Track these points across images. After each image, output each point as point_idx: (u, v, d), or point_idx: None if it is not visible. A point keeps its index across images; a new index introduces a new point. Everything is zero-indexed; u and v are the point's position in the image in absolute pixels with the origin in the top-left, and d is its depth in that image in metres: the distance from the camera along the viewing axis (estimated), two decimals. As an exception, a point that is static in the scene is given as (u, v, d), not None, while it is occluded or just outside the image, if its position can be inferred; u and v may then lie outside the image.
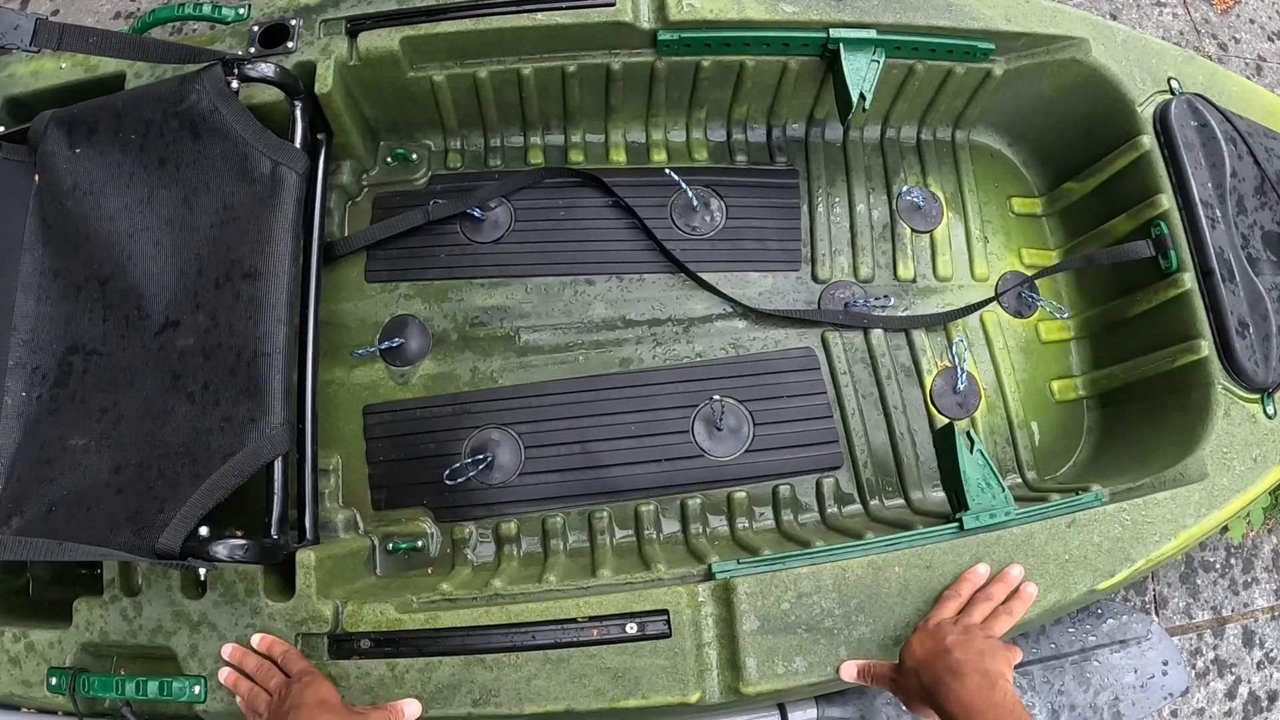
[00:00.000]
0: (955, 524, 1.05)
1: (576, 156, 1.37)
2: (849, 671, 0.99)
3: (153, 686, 1.06)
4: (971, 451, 1.10)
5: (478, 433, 1.26)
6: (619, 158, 1.37)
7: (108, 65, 1.32)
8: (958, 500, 1.10)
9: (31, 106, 1.35)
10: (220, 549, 0.97)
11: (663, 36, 1.23)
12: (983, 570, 1.03)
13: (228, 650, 1.04)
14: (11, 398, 1.23)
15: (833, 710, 1.14)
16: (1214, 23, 1.77)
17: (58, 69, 1.34)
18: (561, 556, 1.22)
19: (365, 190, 1.37)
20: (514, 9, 1.23)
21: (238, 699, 1.02)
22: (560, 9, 1.22)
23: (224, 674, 1.03)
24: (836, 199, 1.35)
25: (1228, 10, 1.78)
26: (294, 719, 0.90)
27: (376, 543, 1.23)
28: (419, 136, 1.38)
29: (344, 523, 1.23)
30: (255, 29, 1.26)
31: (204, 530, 0.99)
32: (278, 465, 1.06)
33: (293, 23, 1.25)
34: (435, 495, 1.25)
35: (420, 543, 1.24)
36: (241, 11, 1.30)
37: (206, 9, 1.30)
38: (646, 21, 1.23)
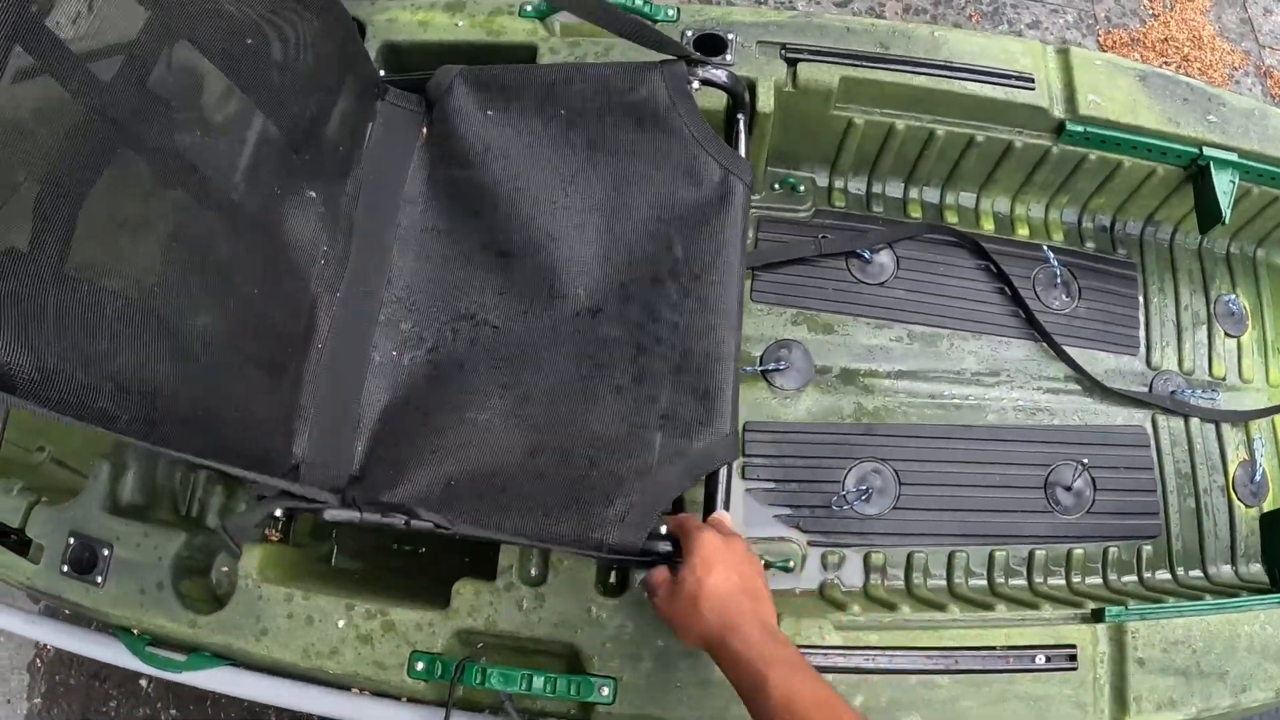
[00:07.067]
0: (1303, 594, 1.20)
1: (951, 217, 1.46)
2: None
3: (563, 684, 1.05)
4: (1300, 535, 1.27)
5: (858, 465, 1.32)
6: (988, 225, 1.47)
7: (516, 34, 1.30)
8: (1287, 575, 1.26)
9: (410, 57, 1.31)
10: (667, 546, 0.99)
11: (1071, 127, 1.34)
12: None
13: None
14: (380, 355, 1.18)
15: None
16: None
17: (452, 25, 1.30)
18: (924, 590, 1.29)
19: (749, 213, 1.40)
20: (945, 74, 1.31)
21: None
22: (988, 83, 1.32)
23: None
24: (1165, 295, 1.50)
25: None
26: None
27: (747, 558, 1.27)
28: (804, 168, 1.44)
29: (719, 535, 1.26)
30: (689, 33, 1.28)
31: (664, 529, 1.01)
32: (722, 473, 1.09)
33: (730, 36, 1.28)
34: (809, 519, 1.30)
35: (791, 562, 1.28)
36: (671, 14, 1.32)
37: (639, 2, 1.30)
38: (1059, 111, 1.33)
